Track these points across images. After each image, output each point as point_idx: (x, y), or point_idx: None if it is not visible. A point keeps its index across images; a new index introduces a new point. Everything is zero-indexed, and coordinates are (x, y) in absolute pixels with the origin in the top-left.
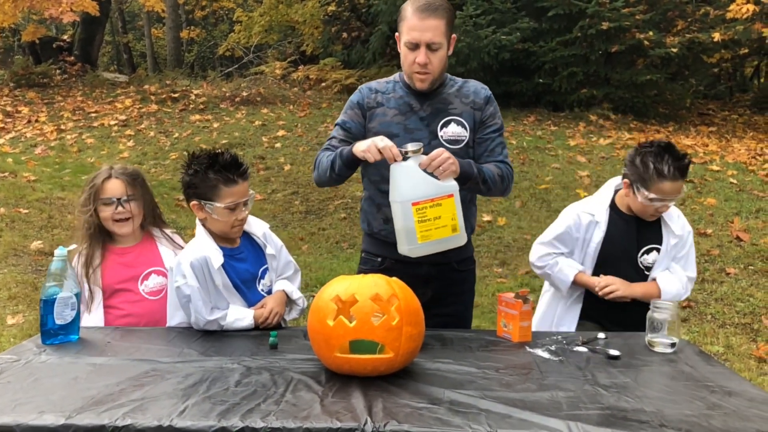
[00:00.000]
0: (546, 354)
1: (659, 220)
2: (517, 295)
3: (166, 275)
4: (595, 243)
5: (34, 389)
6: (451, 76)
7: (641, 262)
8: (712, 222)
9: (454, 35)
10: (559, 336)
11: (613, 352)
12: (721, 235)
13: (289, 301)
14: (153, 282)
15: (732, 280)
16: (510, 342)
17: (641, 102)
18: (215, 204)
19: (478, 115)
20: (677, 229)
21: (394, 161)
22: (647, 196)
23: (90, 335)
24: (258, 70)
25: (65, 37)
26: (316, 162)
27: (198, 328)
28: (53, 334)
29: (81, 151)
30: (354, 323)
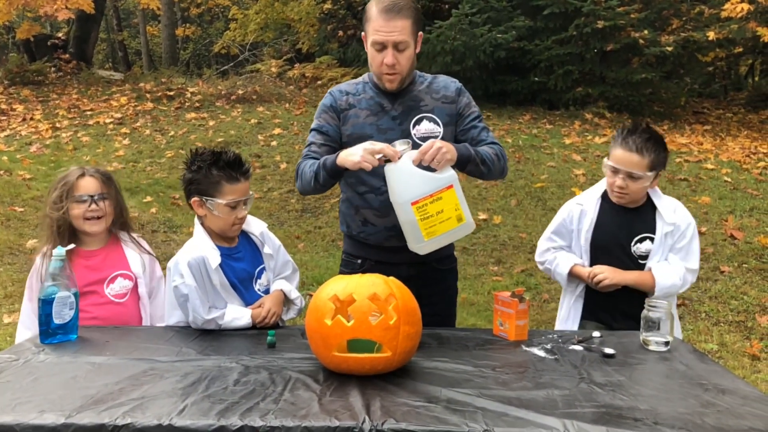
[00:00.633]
0: (542, 352)
1: (653, 209)
2: (513, 294)
3: (132, 278)
4: (585, 232)
5: (33, 388)
6: (420, 72)
7: (634, 251)
8: (706, 220)
9: (420, 33)
10: (555, 335)
11: (608, 350)
12: (716, 233)
13: (287, 301)
14: (119, 285)
15: (726, 278)
16: (506, 341)
17: (636, 100)
18: (217, 200)
19: (452, 109)
20: (670, 218)
21: (397, 159)
22: (606, 163)
23: (88, 334)
24: (254, 68)
25: (60, 35)
26: (298, 171)
27: (196, 327)
28: (52, 333)
29: (76, 150)
30: (352, 322)
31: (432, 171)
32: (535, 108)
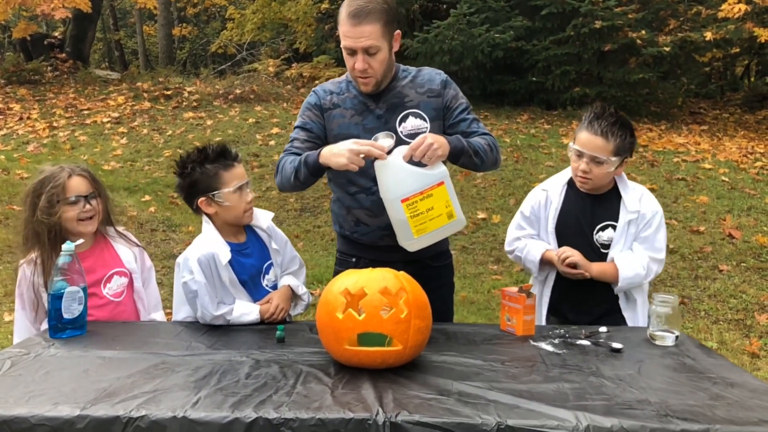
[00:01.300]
0: (550, 347)
1: (618, 197)
2: (521, 290)
3: (127, 275)
4: (551, 219)
5: (45, 381)
6: (404, 66)
7: (597, 239)
8: (704, 220)
9: (397, 31)
10: (562, 330)
11: (616, 345)
12: (714, 233)
13: (295, 297)
14: (116, 284)
15: (725, 276)
16: (514, 335)
17: (633, 101)
18: (223, 191)
19: (438, 102)
20: (633, 206)
21: (384, 155)
22: (571, 146)
23: (97, 329)
24: (251, 67)
25: (56, 34)
26: (278, 166)
27: (204, 322)
28: (62, 328)
29: (74, 149)
30: (363, 316)
31: (423, 166)
32: (533, 108)
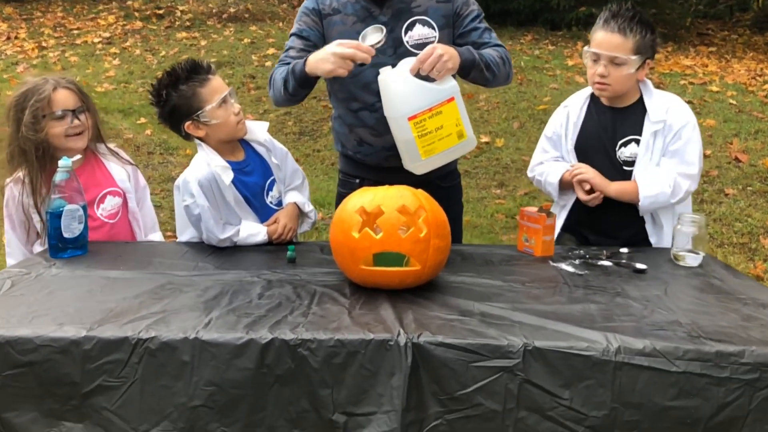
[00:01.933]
0: (571, 268)
1: (644, 109)
2: (541, 209)
3: (121, 195)
4: (569, 136)
5: (49, 301)
6: None
7: (619, 156)
8: (710, 143)
9: None
10: (582, 250)
11: (640, 265)
12: (720, 156)
13: (301, 214)
14: (110, 204)
15: (730, 200)
16: (532, 256)
17: None
18: (206, 109)
19: (447, 9)
20: (657, 116)
21: (369, 59)
22: (585, 50)
23: (98, 249)
24: None
25: None
26: (270, 79)
27: (210, 244)
28: (62, 248)
29: (65, 70)
30: (380, 235)
31: (431, 81)
32: (537, 28)
